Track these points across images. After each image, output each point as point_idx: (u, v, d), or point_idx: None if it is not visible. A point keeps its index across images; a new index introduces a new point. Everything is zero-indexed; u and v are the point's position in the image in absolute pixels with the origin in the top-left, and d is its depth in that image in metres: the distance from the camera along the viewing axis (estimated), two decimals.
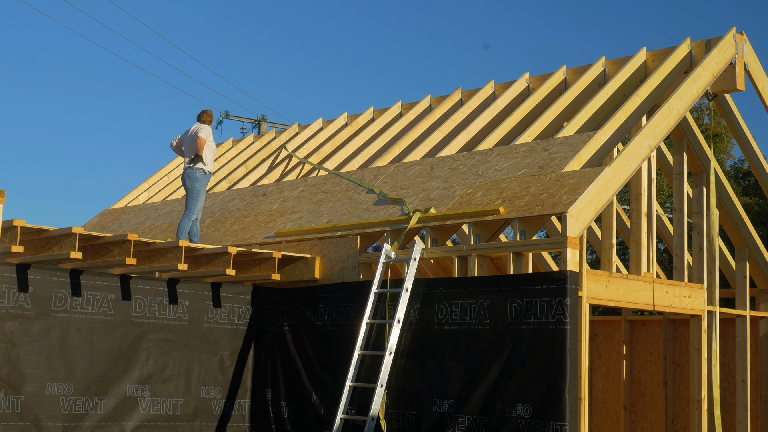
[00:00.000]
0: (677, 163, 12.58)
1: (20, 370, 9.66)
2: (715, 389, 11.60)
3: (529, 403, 9.06)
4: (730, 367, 13.87)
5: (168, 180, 16.59)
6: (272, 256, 10.91)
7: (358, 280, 10.71)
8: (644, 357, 14.56)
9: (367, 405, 9.82)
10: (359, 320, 10.26)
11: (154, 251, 10.39)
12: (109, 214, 15.91)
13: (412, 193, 11.39)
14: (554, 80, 13.11)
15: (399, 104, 15.46)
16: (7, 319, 9.62)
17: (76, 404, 9.99)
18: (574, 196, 9.58)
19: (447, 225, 10.46)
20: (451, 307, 9.80)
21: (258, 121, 27.81)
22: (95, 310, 10.20)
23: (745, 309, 13.27)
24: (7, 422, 9.51)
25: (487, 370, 9.41)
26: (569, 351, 8.93)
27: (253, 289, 11.47)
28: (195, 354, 10.88)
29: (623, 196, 28.15)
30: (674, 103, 11.03)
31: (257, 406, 11.34)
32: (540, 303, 9.14)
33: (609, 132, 10.88)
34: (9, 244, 9.38)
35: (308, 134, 16.05)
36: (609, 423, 14.79)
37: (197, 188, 11.78)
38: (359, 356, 10.11)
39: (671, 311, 11.68)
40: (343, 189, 12.60)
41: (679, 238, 12.48)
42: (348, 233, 11.11)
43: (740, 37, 12.06)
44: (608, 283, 10.59)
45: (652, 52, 12.51)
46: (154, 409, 10.51)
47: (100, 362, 10.17)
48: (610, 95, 11.91)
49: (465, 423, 9.47)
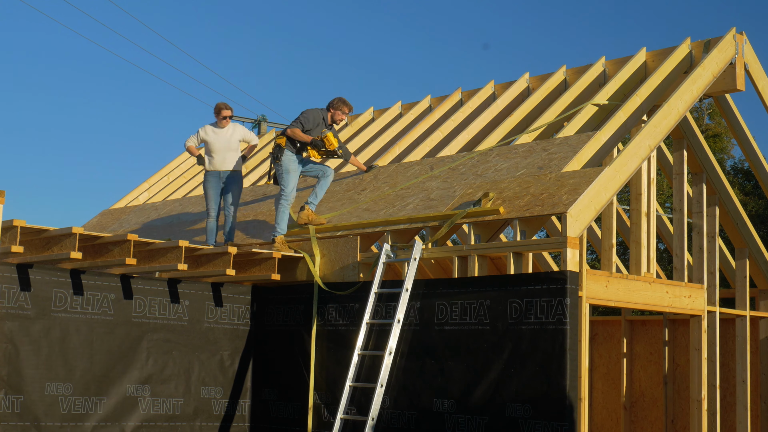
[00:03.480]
0: (677, 163, 12.58)
1: (20, 370, 9.66)
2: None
3: (529, 403, 9.06)
4: (730, 367, 13.87)
5: (168, 180, 16.58)
6: (272, 256, 10.91)
7: (359, 280, 10.71)
8: (644, 357, 14.56)
9: (367, 405, 9.82)
10: (359, 320, 10.27)
11: (154, 251, 10.39)
12: (109, 214, 15.90)
13: (412, 193, 11.39)
14: (554, 80, 13.11)
15: (399, 104, 15.46)
16: (7, 319, 9.62)
17: (76, 404, 9.99)
18: (574, 196, 9.58)
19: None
20: (451, 307, 9.80)
21: (258, 121, 27.82)
22: (95, 310, 10.20)
23: (745, 309, 13.27)
24: (7, 422, 9.51)
25: (487, 370, 9.42)
26: (569, 351, 8.93)
27: (253, 289, 11.48)
28: (195, 354, 10.88)
29: (623, 196, 28.15)
30: (674, 103, 11.03)
31: (257, 406, 11.34)
32: (540, 303, 9.14)
33: (609, 132, 10.88)
34: (9, 244, 9.38)
35: None
36: (609, 423, 14.79)
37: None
38: (359, 356, 10.11)
39: (671, 311, 11.68)
40: (343, 189, 12.60)
41: (679, 238, 12.48)
42: (348, 233, 11.11)
43: (740, 37, 12.06)
44: (608, 283, 10.59)
45: (652, 52, 12.51)
46: (154, 409, 10.51)
47: (100, 362, 10.17)
48: (610, 95, 11.91)
49: (465, 423, 9.48)
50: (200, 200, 14.42)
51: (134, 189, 16.57)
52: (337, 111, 11.80)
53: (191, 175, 16.32)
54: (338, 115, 11.81)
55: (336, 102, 11.79)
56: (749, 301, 13.58)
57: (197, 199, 14.55)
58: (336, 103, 11.79)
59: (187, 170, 16.50)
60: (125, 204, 16.19)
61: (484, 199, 10.19)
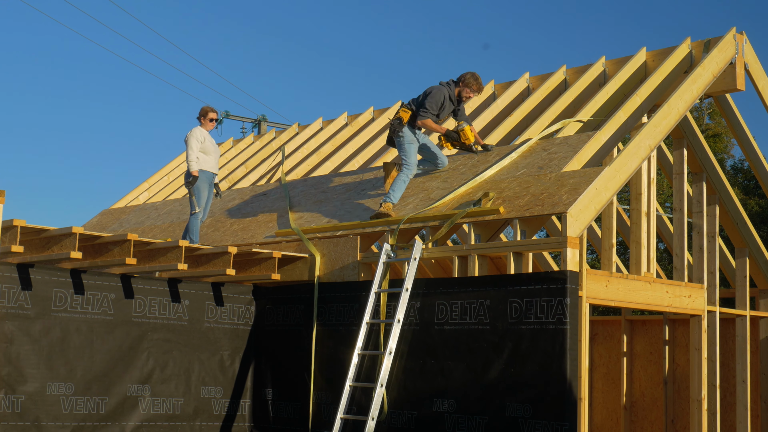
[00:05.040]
0: (677, 163, 12.58)
1: (20, 370, 9.66)
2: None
3: (529, 402, 9.07)
4: (730, 367, 13.87)
5: (168, 180, 16.59)
6: (272, 255, 10.91)
7: (359, 280, 10.71)
8: (644, 357, 14.56)
9: (367, 405, 9.82)
10: (359, 320, 10.27)
11: (154, 251, 10.40)
12: (109, 214, 15.91)
13: (413, 193, 11.39)
14: (554, 80, 13.11)
15: (399, 104, 15.46)
16: (7, 319, 9.62)
17: (77, 404, 9.99)
18: (574, 196, 9.59)
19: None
20: (451, 306, 9.80)
21: (258, 121, 27.83)
22: (95, 309, 10.20)
23: (745, 309, 13.27)
24: (7, 422, 9.51)
25: (487, 370, 9.42)
26: (569, 351, 8.93)
27: (254, 289, 11.48)
28: (195, 354, 10.88)
29: (623, 196, 28.16)
30: (674, 103, 11.03)
31: (257, 405, 11.34)
32: (540, 303, 9.14)
33: (609, 132, 10.88)
34: (9, 244, 9.38)
35: (308, 134, 16.06)
36: (609, 423, 14.80)
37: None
38: (359, 356, 10.11)
39: (671, 311, 11.68)
40: (343, 189, 12.60)
41: (679, 238, 12.48)
42: (348, 233, 11.11)
43: (740, 37, 12.07)
44: (608, 283, 10.59)
45: (652, 52, 12.51)
46: (154, 409, 10.51)
47: (100, 362, 10.17)
48: (610, 95, 11.92)
49: (465, 423, 9.48)
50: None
51: (134, 189, 16.58)
52: (466, 88, 11.15)
53: None
54: (466, 92, 11.16)
55: (468, 78, 11.13)
56: (749, 300, 13.58)
57: None
58: (468, 78, 11.13)
59: None
60: (125, 204, 16.20)
61: (485, 199, 10.19)
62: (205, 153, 12.04)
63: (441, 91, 11.08)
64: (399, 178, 11.06)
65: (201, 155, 12.00)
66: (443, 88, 11.13)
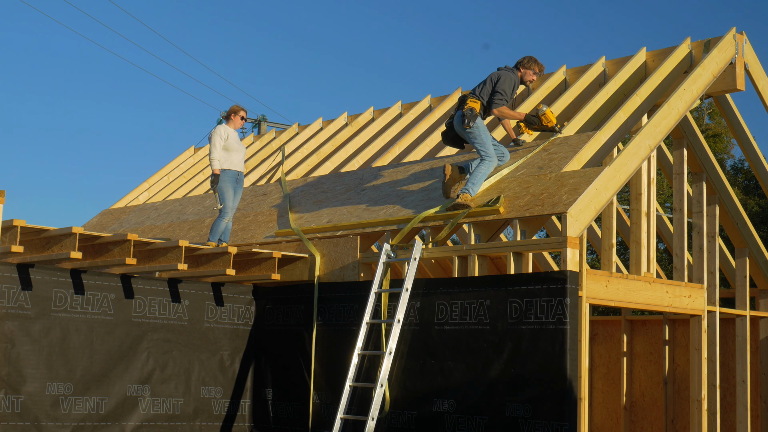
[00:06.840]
0: (677, 163, 12.58)
1: (20, 370, 9.66)
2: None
3: (529, 402, 9.07)
4: (730, 367, 13.87)
5: (168, 180, 16.59)
6: (272, 255, 10.91)
7: (359, 280, 10.71)
8: (644, 357, 14.56)
9: (367, 405, 9.82)
10: (359, 320, 10.27)
11: (154, 251, 10.39)
12: (109, 214, 15.90)
13: (413, 193, 11.38)
14: (554, 80, 13.11)
15: (399, 104, 15.46)
16: (7, 319, 9.62)
17: (77, 404, 9.99)
18: (574, 196, 9.59)
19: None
20: (451, 307, 9.80)
21: (258, 121, 27.82)
22: (95, 309, 10.20)
23: (745, 309, 13.27)
24: (7, 422, 9.52)
25: (487, 370, 9.42)
26: (569, 351, 8.93)
27: (254, 289, 11.48)
28: (195, 354, 10.88)
29: (623, 196, 28.16)
30: (674, 103, 11.03)
31: (257, 405, 11.34)
32: (540, 303, 9.14)
33: (609, 132, 10.88)
34: (9, 244, 9.38)
35: (308, 134, 16.05)
36: (609, 423, 14.80)
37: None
38: (359, 356, 10.11)
39: (671, 311, 11.68)
40: (343, 189, 12.60)
41: (679, 238, 12.48)
42: (348, 233, 11.11)
43: (740, 37, 12.06)
44: (608, 283, 10.59)
45: (652, 52, 12.50)
46: (154, 409, 10.51)
47: (100, 362, 10.18)
48: (610, 95, 11.91)
49: (465, 423, 9.48)
50: (200, 200, 14.43)
51: (134, 189, 16.58)
52: (528, 71, 10.97)
53: (191, 175, 16.33)
54: (528, 74, 10.97)
55: (526, 61, 10.95)
56: (749, 300, 13.58)
57: (197, 199, 14.55)
58: (527, 62, 10.95)
59: (187, 170, 16.52)
60: (125, 204, 16.20)
61: (497, 205, 9.96)
62: (229, 150, 11.82)
63: (509, 76, 10.81)
64: (479, 171, 10.47)
65: (224, 153, 11.75)
66: (508, 73, 10.85)
